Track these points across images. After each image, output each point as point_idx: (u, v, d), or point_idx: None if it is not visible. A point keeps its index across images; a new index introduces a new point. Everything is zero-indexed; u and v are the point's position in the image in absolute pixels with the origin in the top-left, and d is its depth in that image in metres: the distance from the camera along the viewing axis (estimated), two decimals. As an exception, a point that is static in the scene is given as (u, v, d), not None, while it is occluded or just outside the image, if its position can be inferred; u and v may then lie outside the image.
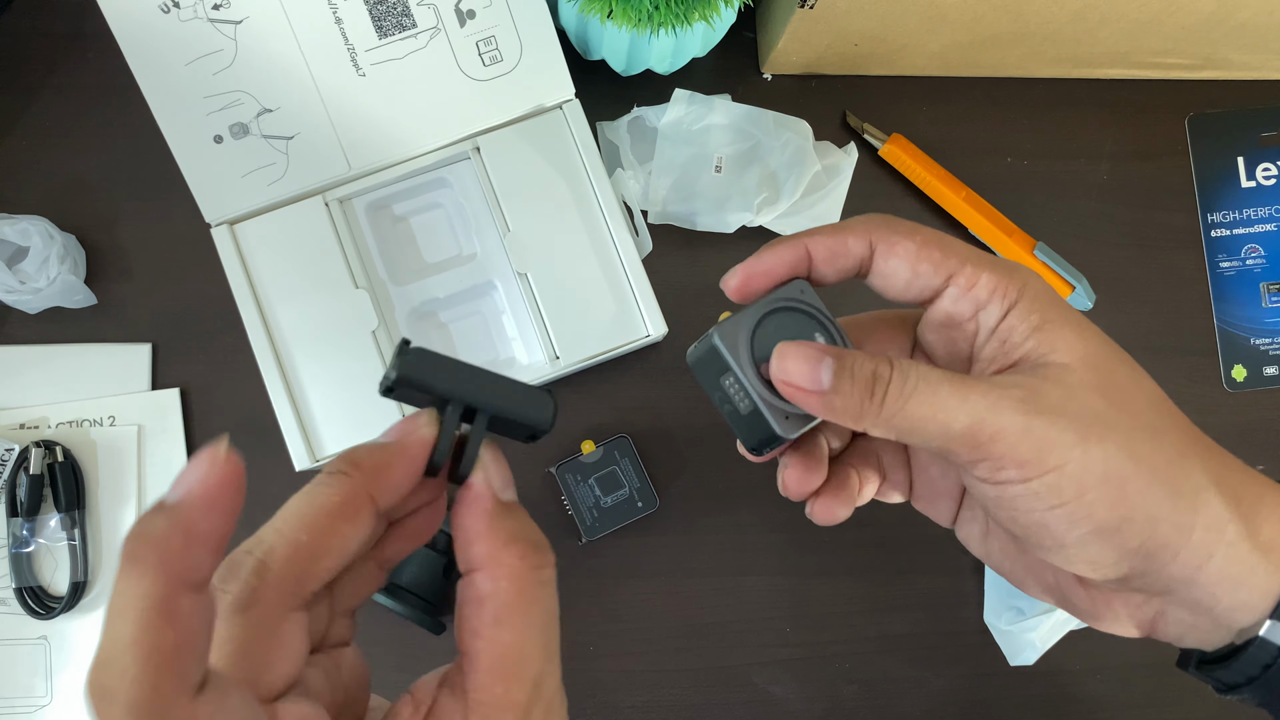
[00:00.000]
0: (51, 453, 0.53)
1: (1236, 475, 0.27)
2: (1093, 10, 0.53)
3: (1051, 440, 0.25)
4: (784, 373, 0.27)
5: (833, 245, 0.29)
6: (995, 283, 0.28)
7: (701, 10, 0.48)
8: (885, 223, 0.29)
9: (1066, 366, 0.26)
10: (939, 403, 0.26)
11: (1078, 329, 0.27)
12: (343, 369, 0.53)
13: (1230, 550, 0.26)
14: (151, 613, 0.17)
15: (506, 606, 0.22)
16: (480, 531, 0.23)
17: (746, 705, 0.57)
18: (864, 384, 0.26)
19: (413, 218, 0.57)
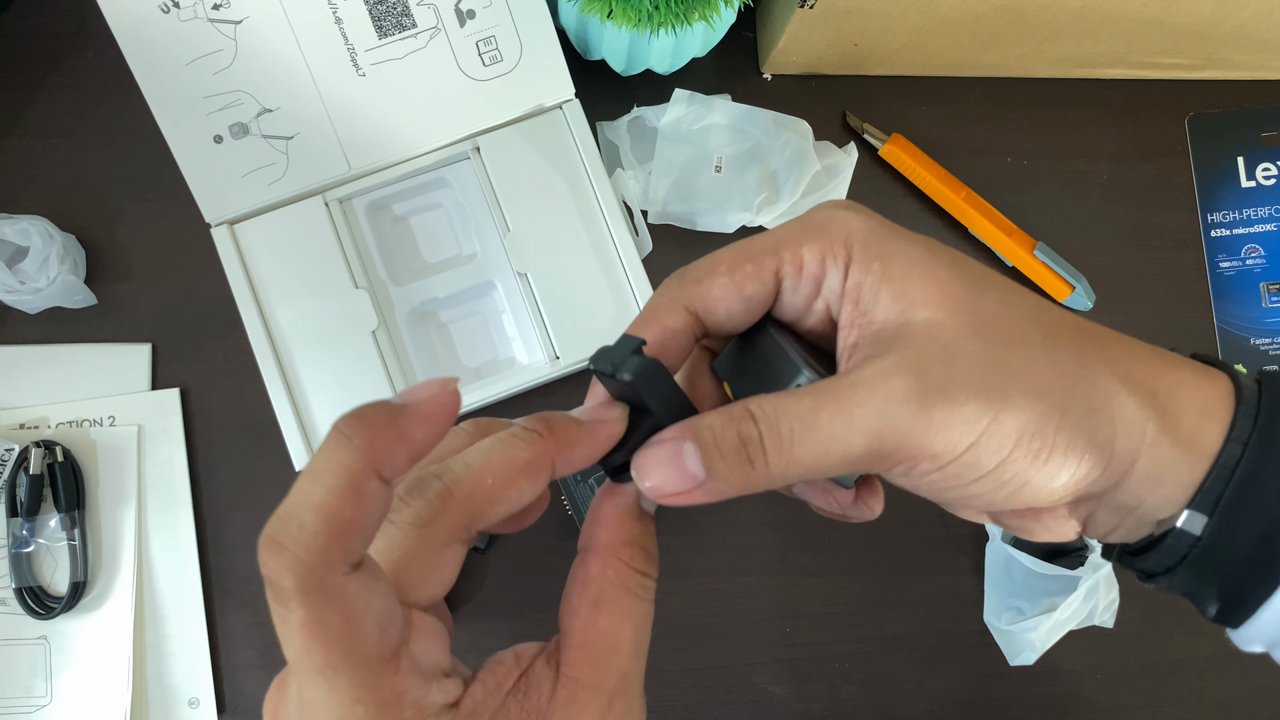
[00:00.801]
0: (51, 453, 0.53)
1: (1145, 365, 0.25)
2: (1093, 10, 0.53)
3: (957, 422, 0.23)
4: (656, 490, 0.24)
5: (656, 340, 0.27)
6: (819, 250, 0.26)
7: (701, 10, 0.48)
8: (683, 279, 0.27)
9: (934, 322, 0.24)
10: (825, 436, 0.23)
11: (924, 263, 0.25)
12: (343, 369, 0.53)
13: (1152, 451, 0.24)
14: (344, 485, 0.19)
15: (608, 593, 0.24)
16: (611, 521, 0.25)
17: (746, 705, 0.57)
18: (734, 455, 0.24)
19: (413, 218, 0.57)
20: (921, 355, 0.24)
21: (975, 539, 0.59)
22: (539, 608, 0.56)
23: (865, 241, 0.26)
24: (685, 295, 0.27)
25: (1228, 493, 0.24)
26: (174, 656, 0.54)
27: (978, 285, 0.25)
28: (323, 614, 0.19)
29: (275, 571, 0.19)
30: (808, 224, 0.27)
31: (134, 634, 0.54)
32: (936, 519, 0.59)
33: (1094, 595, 0.53)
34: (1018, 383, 0.24)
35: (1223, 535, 0.24)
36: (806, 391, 0.24)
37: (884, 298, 0.25)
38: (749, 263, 0.27)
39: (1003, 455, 0.24)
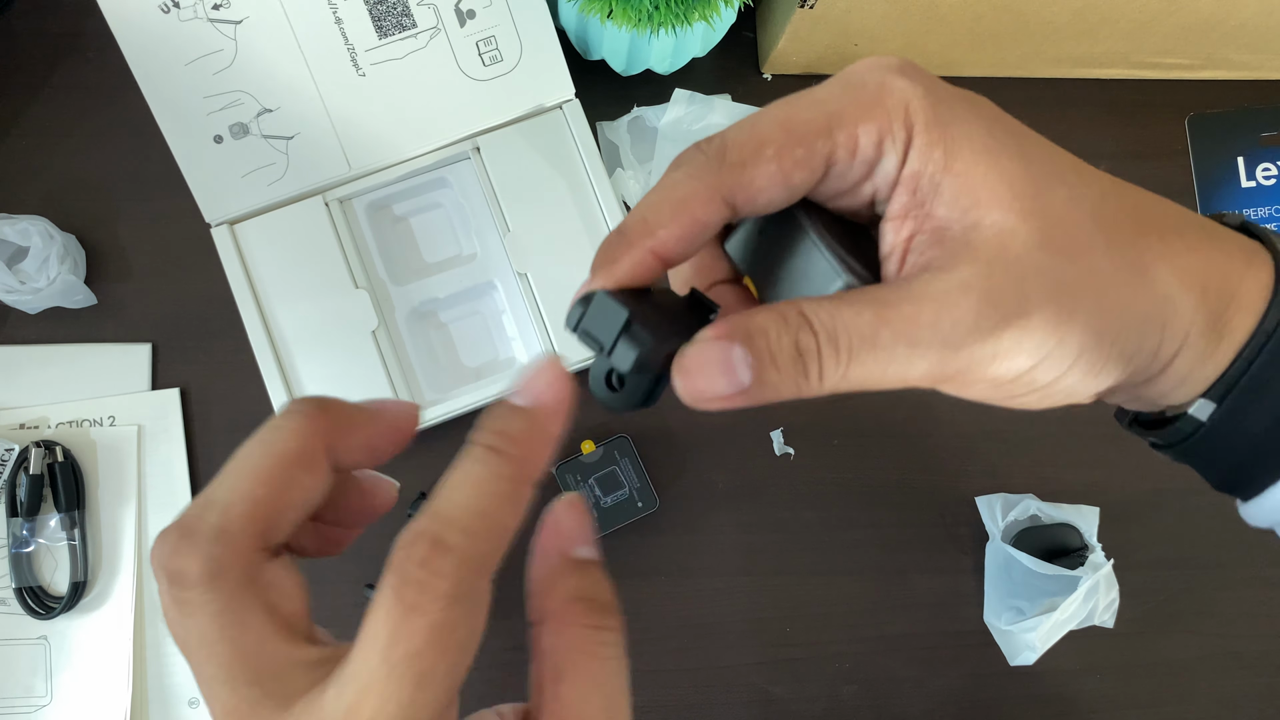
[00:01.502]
0: (51, 453, 0.53)
1: (1200, 253, 0.24)
2: (1093, 10, 0.53)
3: (1024, 348, 0.22)
4: (697, 393, 0.22)
5: (685, 233, 0.23)
6: (876, 130, 0.23)
7: (701, 10, 0.48)
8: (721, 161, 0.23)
9: (1003, 229, 0.22)
10: (885, 356, 0.22)
11: (989, 153, 0.23)
12: (343, 369, 0.53)
13: (1188, 351, 0.24)
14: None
15: (567, 662, 0.22)
16: (543, 586, 0.23)
17: (746, 705, 0.57)
18: (790, 366, 0.22)
19: (413, 218, 0.57)
20: (992, 274, 0.22)
21: (975, 539, 0.59)
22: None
23: (927, 121, 0.23)
24: (725, 184, 0.23)
25: (1242, 380, 0.24)
26: (174, 656, 0.54)
27: (1046, 180, 0.23)
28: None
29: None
30: (861, 93, 0.23)
31: (134, 634, 0.54)
32: (936, 519, 0.59)
33: (1094, 595, 0.53)
34: (1083, 301, 0.22)
35: (1229, 423, 0.25)
36: (866, 302, 0.22)
37: (947, 191, 0.23)
38: (799, 146, 0.23)
39: (1060, 371, 0.23)
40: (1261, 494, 0.26)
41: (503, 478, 0.21)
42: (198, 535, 0.20)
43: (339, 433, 0.22)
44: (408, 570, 0.19)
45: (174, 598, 0.20)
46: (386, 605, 0.19)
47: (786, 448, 0.58)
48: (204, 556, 0.20)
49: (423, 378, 0.55)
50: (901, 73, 0.24)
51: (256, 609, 0.20)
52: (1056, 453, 0.59)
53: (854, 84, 0.24)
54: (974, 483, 0.59)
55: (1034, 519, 0.56)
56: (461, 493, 0.20)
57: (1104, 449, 0.60)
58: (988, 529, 0.57)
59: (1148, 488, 0.60)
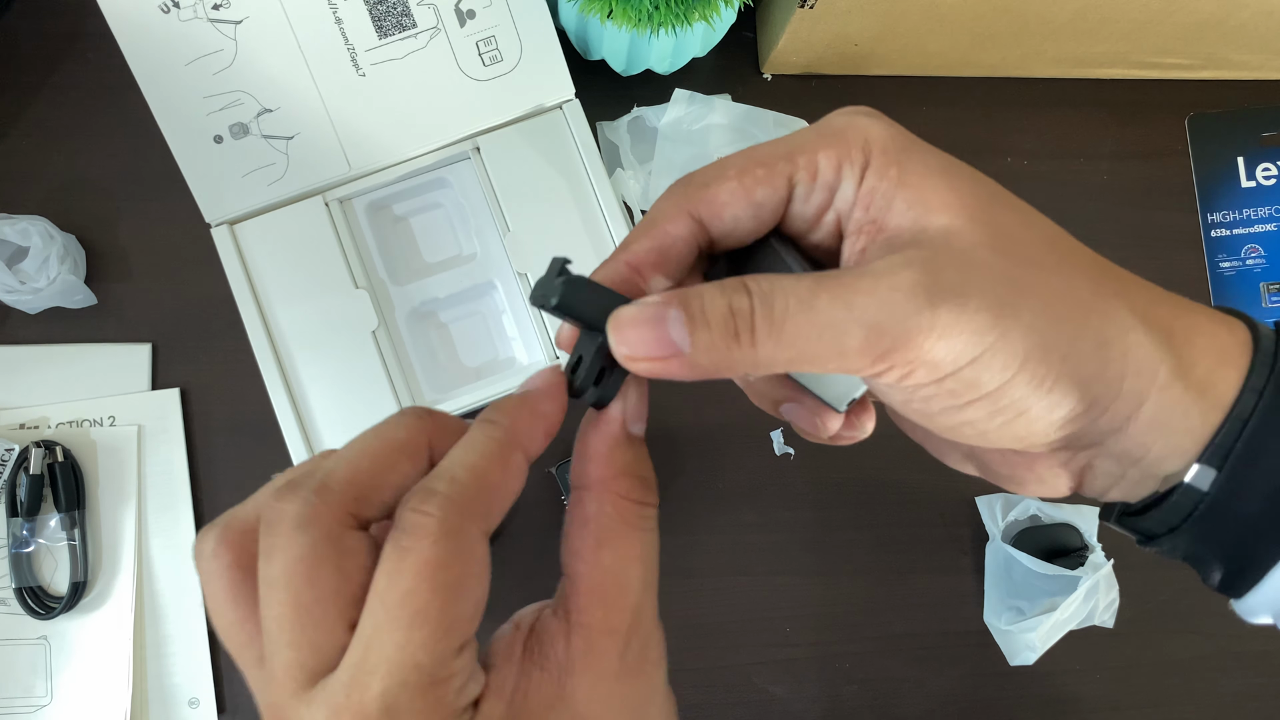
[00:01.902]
0: (51, 453, 0.53)
1: (1163, 306, 0.24)
2: (1093, 10, 0.53)
3: (963, 329, 0.21)
4: (629, 347, 0.22)
5: (656, 245, 0.25)
6: (835, 155, 0.24)
7: (701, 10, 0.48)
8: (689, 184, 0.25)
9: (951, 229, 0.22)
10: (821, 320, 0.21)
11: (944, 172, 0.23)
12: (343, 369, 0.53)
13: (1162, 395, 0.23)
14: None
15: (609, 531, 0.23)
16: (600, 454, 0.24)
17: (746, 705, 0.57)
18: (721, 326, 0.22)
19: (413, 218, 0.57)
20: (935, 256, 0.22)
21: (975, 539, 0.59)
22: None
23: (884, 147, 0.24)
24: (690, 200, 0.25)
25: (1238, 445, 0.23)
26: (174, 656, 0.54)
27: (997, 201, 0.24)
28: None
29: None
30: (824, 130, 0.25)
31: (134, 634, 0.54)
32: (936, 519, 0.59)
33: (1094, 595, 0.53)
34: (1030, 302, 0.22)
35: (1231, 492, 0.23)
36: (807, 275, 0.23)
37: (899, 203, 0.23)
38: (760, 167, 0.25)
39: (1006, 376, 0.22)
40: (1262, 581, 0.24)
41: (491, 439, 0.23)
42: (300, 486, 0.21)
43: (441, 435, 0.24)
44: (402, 517, 0.21)
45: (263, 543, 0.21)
46: (385, 554, 0.20)
47: (786, 448, 0.58)
48: (301, 502, 0.21)
49: (423, 378, 0.55)
50: (867, 115, 0.25)
51: (329, 566, 0.20)
52: (1056, 453, 0.59)
53: (820, 125, 0.25)
54: (974, 483, 0.59)
55: (1034, 519, 0.56)
56: (454, 453, 0.22)
57: (1104, 449, 0.60)
58: (988, 529, 0.57)
59: (1148, 488, 0.60)
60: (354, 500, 0.21)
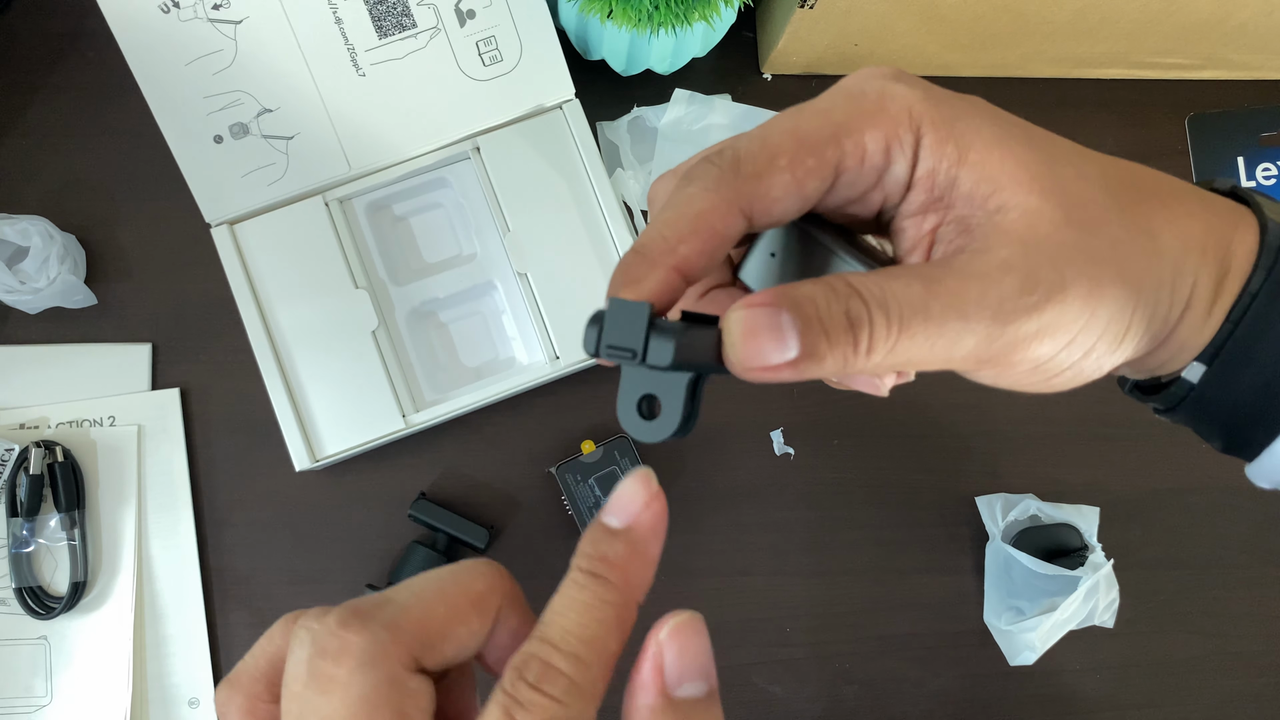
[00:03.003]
0: (51, 453, 0.53)
1: (1199, 219, 0.25)
2: (1093, 10, 0.53)
3: (1063, 325, 0.22)
4: (743, 361, 0.21)
5: (706, 247, 0.23)
6: (883, 135, 0.23)
7: (701, 10, 0.48)
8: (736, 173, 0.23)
9: (1029, 209, 0.22)
10: (935, 327, 0.21)
11: (1001, 142, 0.23)
12: (343, 369, 0.53)
13: (1190, 316, 0.25)
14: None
15: None
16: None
17: (746, 705, 0.57)
18: (841, 334, 0.21)
19: (413, 218, 0.57)
20: (1029, 253, 0.22)
21: (975, 539, 0.59)
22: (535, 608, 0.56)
23: (934, 121, 0.23)
24: (743, 195, 0.23)
25: (1228, 344, 0.25)
26: (174, 656, 0.54)
27: (1054, 161, 0.24)
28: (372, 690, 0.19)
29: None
30: (863, 102, 0.23)
31: (134, 634, 0.54)
32: (936, 519, 0.59)
33: (1094, 595, 0.53)
34: (1109, 275, 0.23)
35: (1220, 385, 0.25)
36: (913, 276, 0.22)
37: (965, 183, 0.23)
38: (810, 155, 0.23)
39: (1088, 347, 0.23)
40: (1261, 455, 0.26)
41: (607, 603, 0.21)
42: (370, 619, 0.20)
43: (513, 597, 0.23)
44: (520, 691, 0.19)
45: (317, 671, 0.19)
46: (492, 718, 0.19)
47: (786, 448, 0.58)
48: (371, 637, 0.19)
49: (423, 378, 0.55)
50: (898, 79, 0.24)
51: (391, 710, 0.19)
52: (1056, 453, 0.59)
53: (854, 94, 0.24)
54: (974, 483, 0.59)
55: (1034, 519, 0.56)
56: (568, 618, 0.20)
57: (1104, 449, 0.60)
58: (988, 529, 0.57)
59: (1148, 488, 0.60)
60: (420, 645, 0.20)
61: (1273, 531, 0.60)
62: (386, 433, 0.53)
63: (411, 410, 0.54)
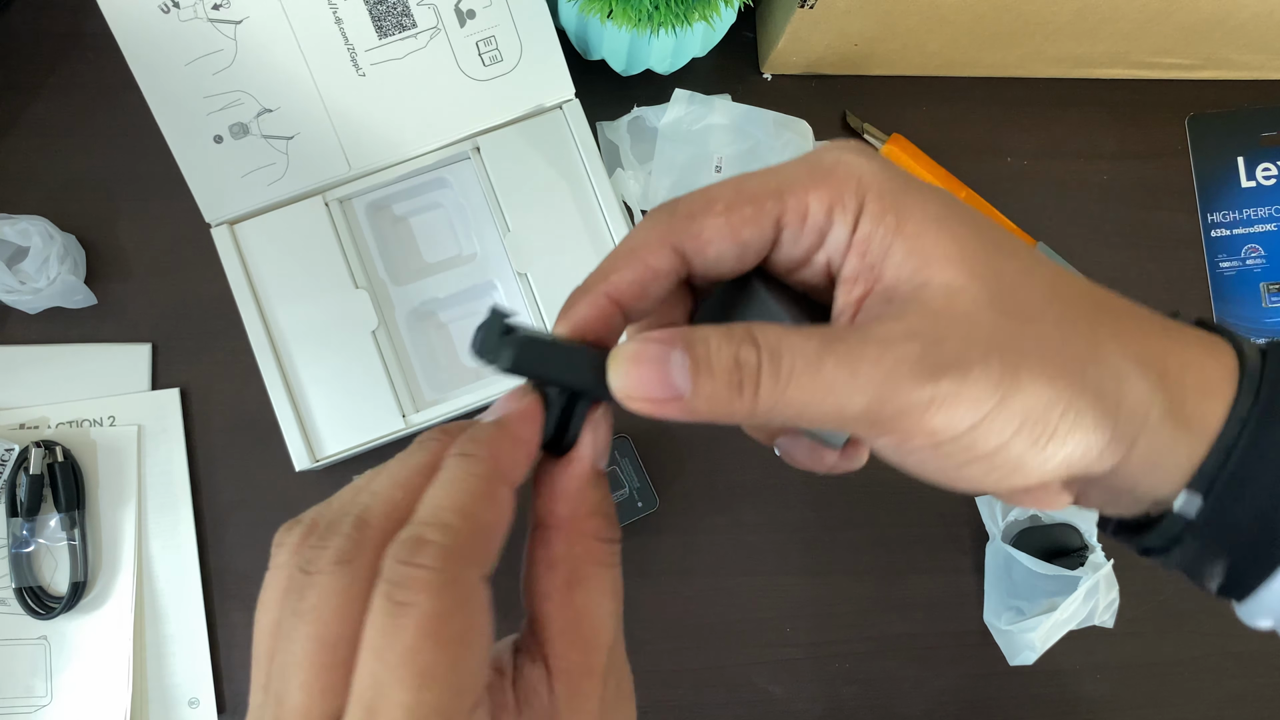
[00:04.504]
0: (51, 453, 0.53)
1: (1157, 341, 0.24)
2: (1093, 10, 0.53)
3: (963, 400, 0.21)
4: (629, 386, 0.22)
5: (636, 278, 0.24)
6: (826, 198, 0.23)
7: (701, 10, 0.48)
8: (674, 214, 0.24)
9: (952, 287, 0.22)
10: (825, 383, 0.21)
11: (942, 220, 0.23)
12: (343, 369, 0.53)
13: (1152, 435, 0.23)
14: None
15: (580, 572, 0.23)
16: (570, 493, 0.24)
17: (746, 705, 0.57)
18: (726, 376, 0.22)
19: (413, 218, 0.57)
20: (938, 323, 0.22)
21: (975, 539, 0.59)
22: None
23: (879, 191, 0.23)
24: (674, 232, 0.24)
25: (1223, 473, 0.23)
26: (174, 656, 0.54)
27: (998, 249, 0.23)
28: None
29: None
30: (815, 167, 0.24)
31: (134, 634, 0.54)
32: (936, 519, 0.59)
33: (1094, 595, 0.53)
34: (1030, 364, 0.22)
35: (1218, 517, 0.24)
36: (814, 333, 0.22)
37: (897, 253, 0.23)
38: (748, 204, 0.24)
39: (1003, 439, 0.22)
40: (1259, 589, 0.25)
41: (474, 475, 0.22)
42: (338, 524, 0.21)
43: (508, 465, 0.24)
44: (392, 570, 0.20)
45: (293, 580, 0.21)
46: (375, 609, 0.19)
47: (786, 448, 0.58)
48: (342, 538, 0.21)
49: (423, 378, 0.55)
50: (859, 153, 0.24)
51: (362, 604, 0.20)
52: (1056, 453, 0.59)
53: (809, 160, 0.24)
54: (974, 483, 0.59)
55: (1034, 519, 0.56)
56: (437, 493, 0.21)
57: (1104, 449, 0.60)
58: (988, 529, 0.57)
59: (1148, 488, 0.60)
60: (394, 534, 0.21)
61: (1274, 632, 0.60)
62: (386, 433, 0.53)
63: (411, 410, 0.54)
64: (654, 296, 0.25)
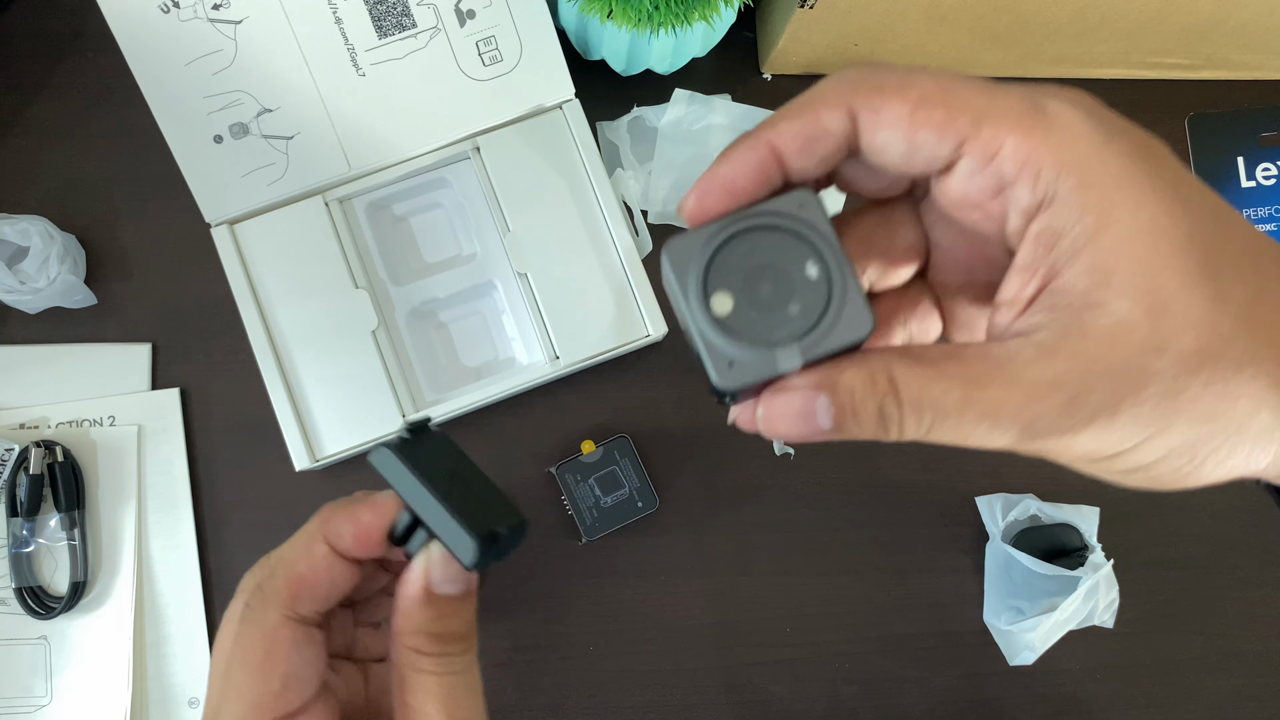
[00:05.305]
0: (51, 453, 0.53)
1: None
2: (1093, 10, 0.53)
3: (1109, 439, 0.21)
4: (774, 433, 0.22)
5: (804, 130, 0.23)
6: (1024, 153, 0.21)
7: (701, 10, 0.48)
8: (865, 78, 0.22)
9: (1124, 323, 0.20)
10: (967, 431, 0.22)
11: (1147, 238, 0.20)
12: (343, 369, 0.53)
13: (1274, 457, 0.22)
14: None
15: (404, 675, 0.27)
16: (399, 608, 0.27)
17: (746, 705, 0.57)
18: (871, 422, 0.22)
19: (413, 218, 0.57)
20: (1094, 366, 0.21)
21: (975, 539, 0.59)
22: (535, 608, 0.56)
23: (1090, 179, 0.20)
24: (858, 96, 0.22)
25: None
26: (174, 656, 0.54)
27: (1198, 273, 0.20)
28: (250, 644, 0.26)
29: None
30: (1033, 109, 0.21)
31: (134, 634, 0.54)
32: (936, 519, 0.59)
33: (1094, 595, 0.53)
34: (1185, 413, 0.21)
35: None
36: (956, 379, 0.21)
37: (1083, 262, 0.21)
38: (942, 108, 0.21)
39: (1144, 462, 0.22)
40: None
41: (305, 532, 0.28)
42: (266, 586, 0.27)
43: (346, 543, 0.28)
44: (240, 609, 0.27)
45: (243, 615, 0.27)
46: None
47: (786, 448, 0.58)
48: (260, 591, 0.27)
49: (423, 378, 0.55)
50: (1089, 114, 0.21)
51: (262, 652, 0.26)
52: (1056, 453, 0.59)
53: (1032, 98, 0.22)
54: (974, 483, 0.59)
55: (1034, 519, 0.56)
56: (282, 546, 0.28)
57: (1104, 449, 0.59)
58: (988, 529, 0.57)
59: (1148, 488, 0.60)
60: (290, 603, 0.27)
61: (1273, 531, 0.60)
62: (386, 433, 0.53)
63: (411, 410, 0.54)
64: (817, 156, 0.23)
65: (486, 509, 0.27)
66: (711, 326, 0.22)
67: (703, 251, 0.22)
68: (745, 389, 0.22)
